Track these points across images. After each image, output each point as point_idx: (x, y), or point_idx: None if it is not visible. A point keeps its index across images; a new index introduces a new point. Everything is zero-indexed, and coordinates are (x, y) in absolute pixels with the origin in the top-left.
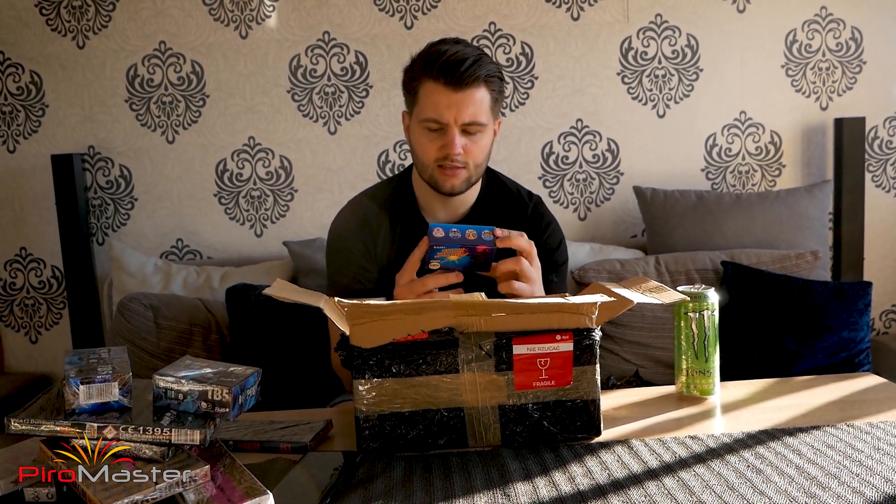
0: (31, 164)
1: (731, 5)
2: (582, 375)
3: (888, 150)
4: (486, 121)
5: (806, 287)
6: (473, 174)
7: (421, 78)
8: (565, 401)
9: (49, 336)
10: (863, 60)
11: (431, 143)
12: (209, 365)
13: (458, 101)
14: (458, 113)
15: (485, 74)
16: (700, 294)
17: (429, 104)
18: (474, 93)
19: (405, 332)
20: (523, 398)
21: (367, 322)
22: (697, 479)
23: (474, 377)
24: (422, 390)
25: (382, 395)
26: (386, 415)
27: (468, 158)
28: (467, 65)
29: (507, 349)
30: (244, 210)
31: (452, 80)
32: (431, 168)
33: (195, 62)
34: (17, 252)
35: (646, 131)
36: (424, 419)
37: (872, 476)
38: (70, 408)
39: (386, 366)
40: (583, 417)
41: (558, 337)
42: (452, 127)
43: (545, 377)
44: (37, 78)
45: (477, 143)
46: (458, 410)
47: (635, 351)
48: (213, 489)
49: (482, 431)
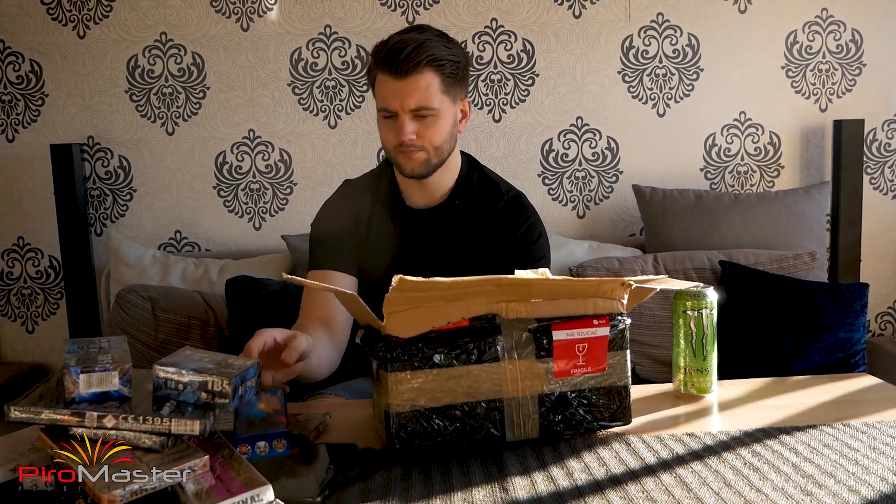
0: (30, 153)
1: (733, 6)
2: (615, 360)
3: (886, 152)
4: (438, 104)
5: (803, 288)
6: (433, 156)
7: (374, 70)
8: (599, 388)
9: (46, 326)
10: (863, 63)
11: (389, 130)
12: (209, 356)
13: (402, 89)
14: (404, 100)
15: (426, 59)
16: (699, 293)
17: (380, 94)
18: (418, 79)
19: (445, 320)
20: (562, 386)
21: (404, 310)
22: (695, 475)
23: (515, 365)
24: (463, 381)
25: (423, 389)
26: (423, 410)
27: (423, 142)
28: (406, 52)
29: (546, 335)
30: (243, 203)
31: (394, 68)
32: (393, 153)
33: (196, 54)
34: (15, 241)
35: (646, 130)
36: (464, 412)
37: (868, 475)
38: (70, 396)
39: (426, 356)
40: (615, 405)
41: (595, 322)
42: (401, 114)
43: (582, 364)
44: (37, 67)
45: (430, 126)
46: (498, 402)
47: (633, 349)
48: (211, 479)
49: (521, 423)
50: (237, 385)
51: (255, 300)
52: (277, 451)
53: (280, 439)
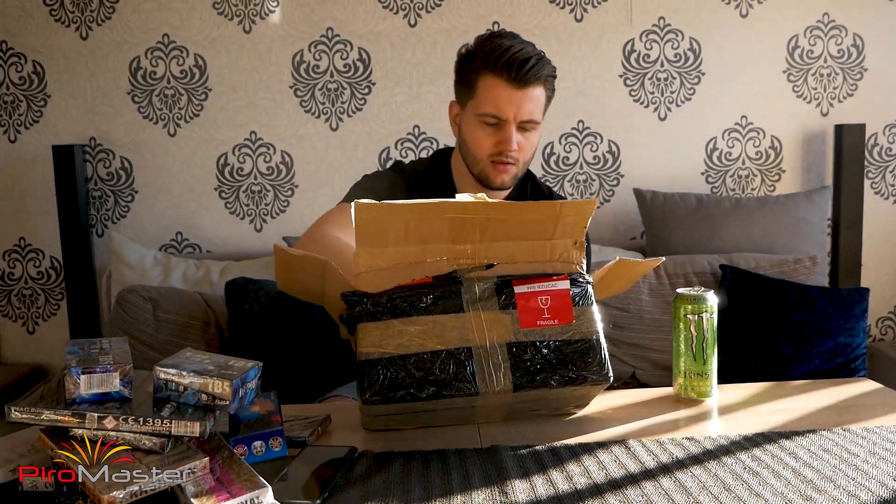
0: (32, 154)
1: (734, 10)
2: (582, 315)
3: (888, 157)
4: (540, 119)
5: (804, 292)
6: (521, 170)
7: (481, 71)
8: (571, 341)
9: (46, 327)
10: (864, 67)
11: (488, 138)
12: (210, 357)
13: (519, 99)
14: (519, 110)
15: (546, 74)
16: (700, 296)
17: (488, 98)
18: (534, 91)
19: (410, 278)
20: (529, 336)
21: (372, 271)
22: (694, 480)
23: (480, 315)
24: (429, 329)
25: (389, 337)
26: (394, 358)
27: (520, 155)
28: (531, 63)
29: (507, 289)
30: (244, 205)
31: (517, 77)
32: (484, 162)
33: (198, 56)
34: (17, 242)
35: (647, 134)
36: (433, 361)
37: (868, 480)
38: (70, 397)
39: (392, 305)
40: (590, 358)
41: (554, 277)
42: (510, 123)
43: (548, 316)
44: (39, 68)
45: (529, 140)
46: (467, 350)
47: (633, 353)
48: (211, 481)
49: (492, 372)
50: (237, 387)
51: (255, 301)
52: (274, 450)
53: (276, 437)
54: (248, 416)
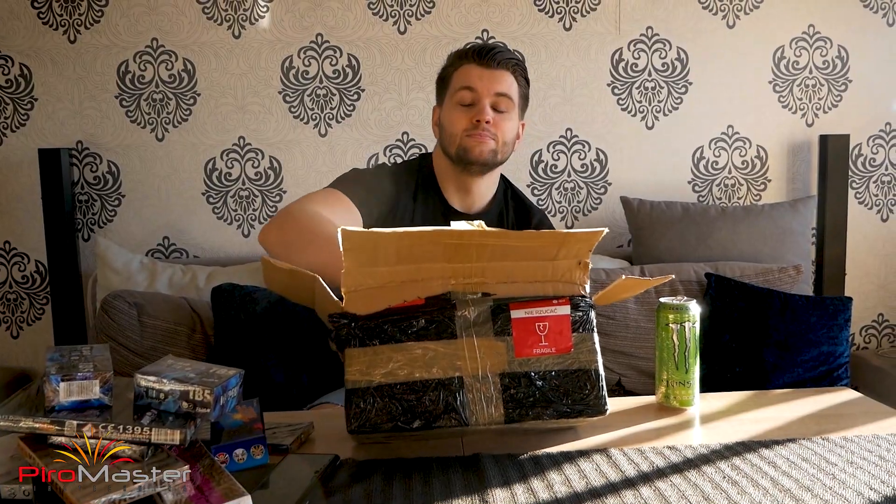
0: (17, 157)
1: (721, 21)
2: (581, 343)
3: (871, 167)
4: (515, 101)
5: (788, 301)
6: (499, 150)
7: (455, 63)
8: (568, 371)
9: (31, 332)
10: (848, 79)
11: (463, 115)
12: (191, 365)
13: (489, 75)
14: (490, 84)
15: (514, 62)
16: (682, 306)
17: (462, 78)
18: (504, 74)
19: (401, 299)
20: (525, 366)
21: (362, 290)
22: (674, 489)
23: (473, 342)
24: (419, 357)
25: (377, 364)
26: (381, 387)
27: (497, 131)
28: (498, 49)
29: (503, 313)
30: (232, 210)
31: (485, 58)
32: (460, 137)
33: (187, 60)
34: (1, 246)
35: (634, 142)
36: (423, 391)
37: (845, 489)
38: (50, 405)
39: (380, 330)
40: (587, 390)
41: (555, 301)
42: (483, 97)
43: (545, 344)
44: (26, 71)
45: (505, 119)
46: (458, 380)
47: (619, 360)
48: (191, 489)
49: (483, 405)
50: (218, 395)
51: (242, 308)
52: (256, 458)
53: (257, 445)
54: (230, 423)
